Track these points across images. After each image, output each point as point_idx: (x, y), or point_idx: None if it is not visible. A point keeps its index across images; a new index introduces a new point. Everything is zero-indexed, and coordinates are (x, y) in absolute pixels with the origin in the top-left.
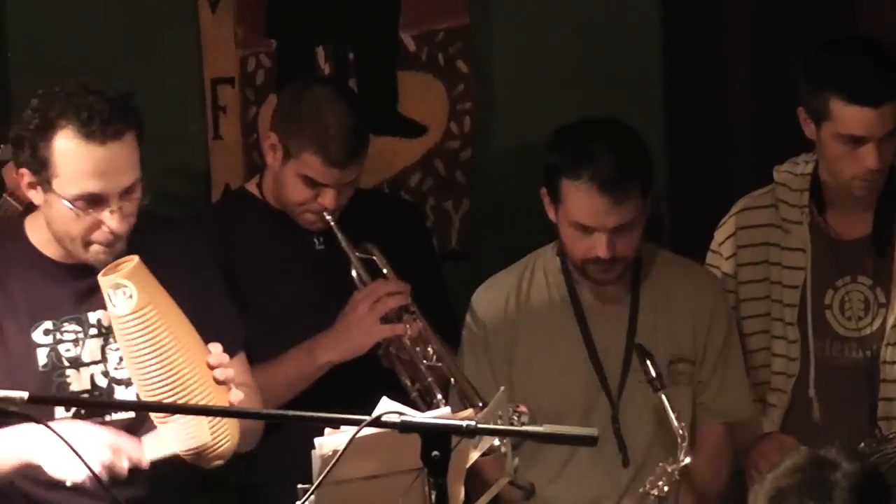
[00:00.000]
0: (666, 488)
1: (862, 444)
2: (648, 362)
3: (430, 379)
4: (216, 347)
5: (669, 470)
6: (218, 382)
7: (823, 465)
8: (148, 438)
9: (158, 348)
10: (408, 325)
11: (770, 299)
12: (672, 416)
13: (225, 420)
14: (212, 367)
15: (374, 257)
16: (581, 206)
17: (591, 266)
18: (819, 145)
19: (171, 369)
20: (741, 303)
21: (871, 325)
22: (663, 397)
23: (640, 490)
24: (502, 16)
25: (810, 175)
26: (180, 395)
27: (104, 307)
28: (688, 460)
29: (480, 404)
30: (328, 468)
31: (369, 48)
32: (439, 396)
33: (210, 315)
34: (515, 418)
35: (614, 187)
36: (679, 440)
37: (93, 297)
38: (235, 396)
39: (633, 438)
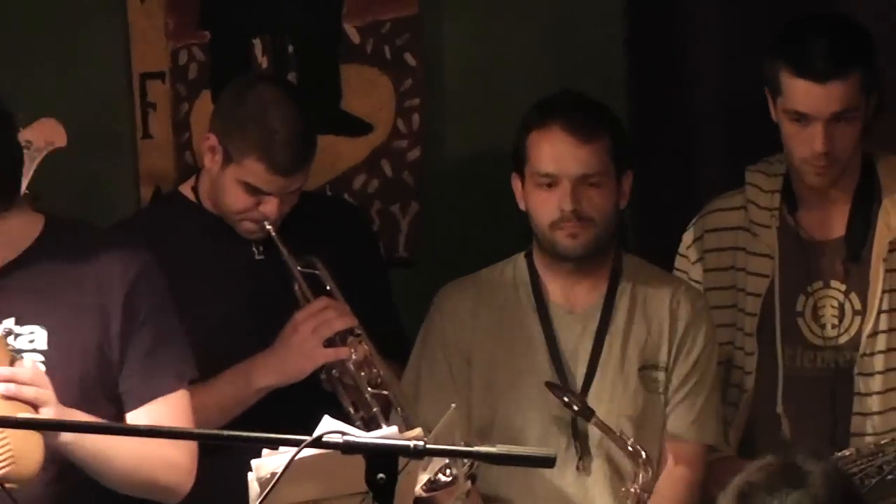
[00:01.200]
0: None
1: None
2: (566, 397)
3: (375, 409)
4: (28, 363)
5: (633, 491)
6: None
7: (793, 465)
8: None
9: None
10: (353, 349)
11: (735, 308)
12: (617, 438)
13: (5, 436)
14: None
15: (318, 272)
16: (546, 152)
17: (557, 233)
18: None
19: None
20: None
21: (847, 332)
22: (599, 423)
23: None
24: (454, 5)
25: (783, 175)
26: None
27: None
28: (649, 475)
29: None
30: (266, 492)
31: (310, 40)
32: (384, 426)
33: (159, 344)
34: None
35: (577, 126)
36: (634, 458)
37: None
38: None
39: (595, 445)
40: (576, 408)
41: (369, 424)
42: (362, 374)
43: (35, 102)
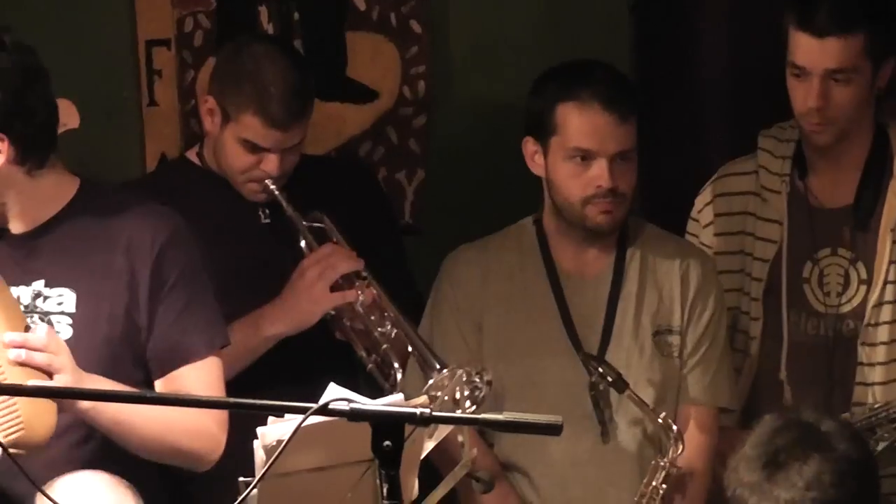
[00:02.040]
0: (664, 486)
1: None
2: (601, 368)
3: (385, 346)
4: (42, 329)
5: (662, 464)
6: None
7: (806, 423)
8: None
9: None
10: (360, 292)
11: (743, 273)
12: (649, 411)
13: (13, 402)
14: (7, 346)
15: (324, 225)
16: (583, 128)
17: (590, 209)
18: None
19: None
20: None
21: (851, 301)
22: (633, 395)
23: (639, 493)
24: None
25: (795, 142)
26: None
27: None
28: (680, 450)
29: (438, 366)
30: (272, 460)
31: (316, 7)
32: (396, 366)
33: (187, 311)
34: (478, 379)
35: (616, 104)
36: (665, 432)
37: None
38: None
39: (619, 413)
40: (610, 379)
41: (382, 367)
42: (372, 317)
43: None
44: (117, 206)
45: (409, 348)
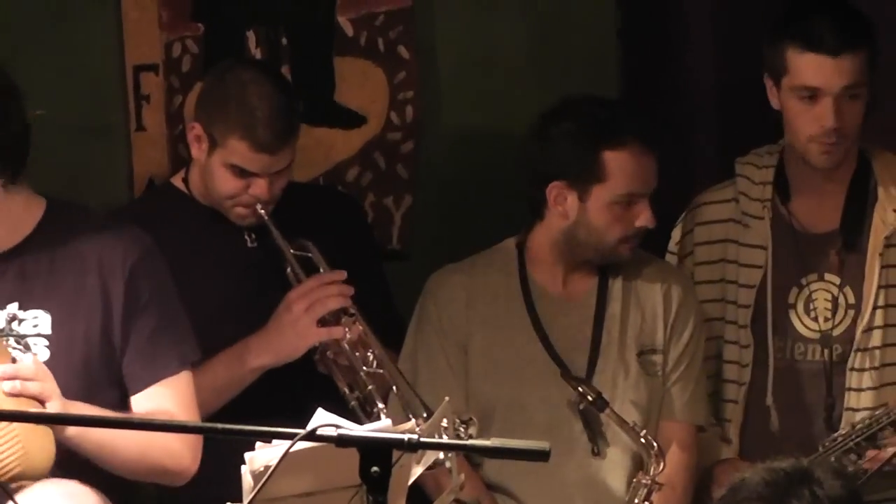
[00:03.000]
0: (647, 503)
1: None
2: (581, 388)
3: (370, 387)
4: (28, 358)
5: (645, 481)
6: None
7: (800, 478)
8: None
9: None
10: (347, 329)
11: (724, 301)
12: (630, 430)
13: (15, 433)
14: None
15: (311, 254)
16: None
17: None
18: (782, 111)
19: None
20: None
21: (839, 326)
22: (612, 414)
23: None
24: None
25: (774, 167)
26: None
27: None
28: (662, 467)
29: (425, 414)
30: (259, 485)
31: (304, 32)
32: (380, 405)
33: (160, 328)
34: (462, 429)
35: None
36: (646, 450)
37: None
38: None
39: (609, 431)
40: (590, 398)
41: (364, 405)
42: (357, 353)
43: (29, 94)
44: (88, 226)
45: (394, 389)
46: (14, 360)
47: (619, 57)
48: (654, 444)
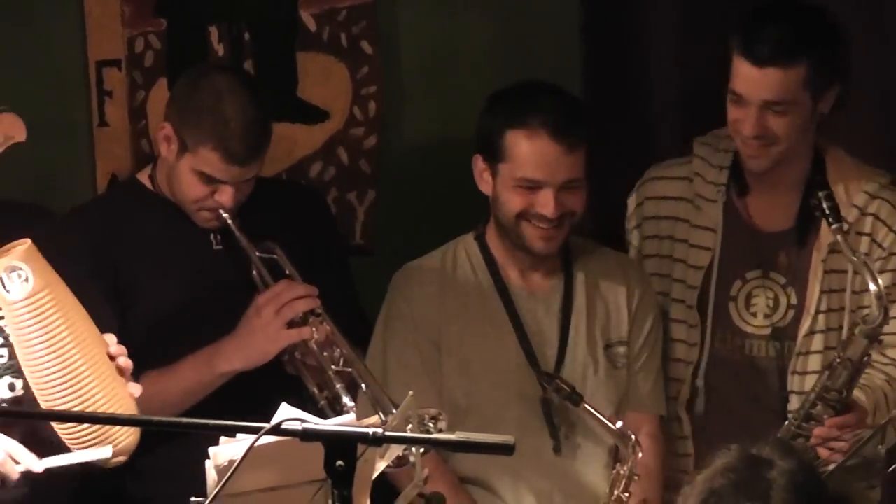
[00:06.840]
0: (627, 494)
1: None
2: (556, 382)
3: (339, 386)
4: (111, 338)
5: (623, 472)
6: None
7: (758, 464)
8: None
9: (53, 337)
10: (314, 329)
11: (671, 278)
12: (604, 422)
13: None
14: (112, 357)
15: (276, 256)
16: (531, 159)
17: (529, 227)
18: None
19: (65, 360)
20: None
21: (777, 325)
22: (587, 408)
23: (603, 503)
24: None
25: (732, 153)
26: (76, 387)
27: None
28: (638, 456)
29: (394, 411)
30: (224, 480)
31: (267, 28)
32: (350, 403)
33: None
34: (431, 425)
35: (565, 133)
36: (623, 440)
37: None
38: (135, 389)
39: (568, 425)
40: (564, 393)
41: (334, 404)
42: (325, 353)
43: None
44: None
45: (363, 386)
46: None
47: (582, 52)
48: (631, 435)
